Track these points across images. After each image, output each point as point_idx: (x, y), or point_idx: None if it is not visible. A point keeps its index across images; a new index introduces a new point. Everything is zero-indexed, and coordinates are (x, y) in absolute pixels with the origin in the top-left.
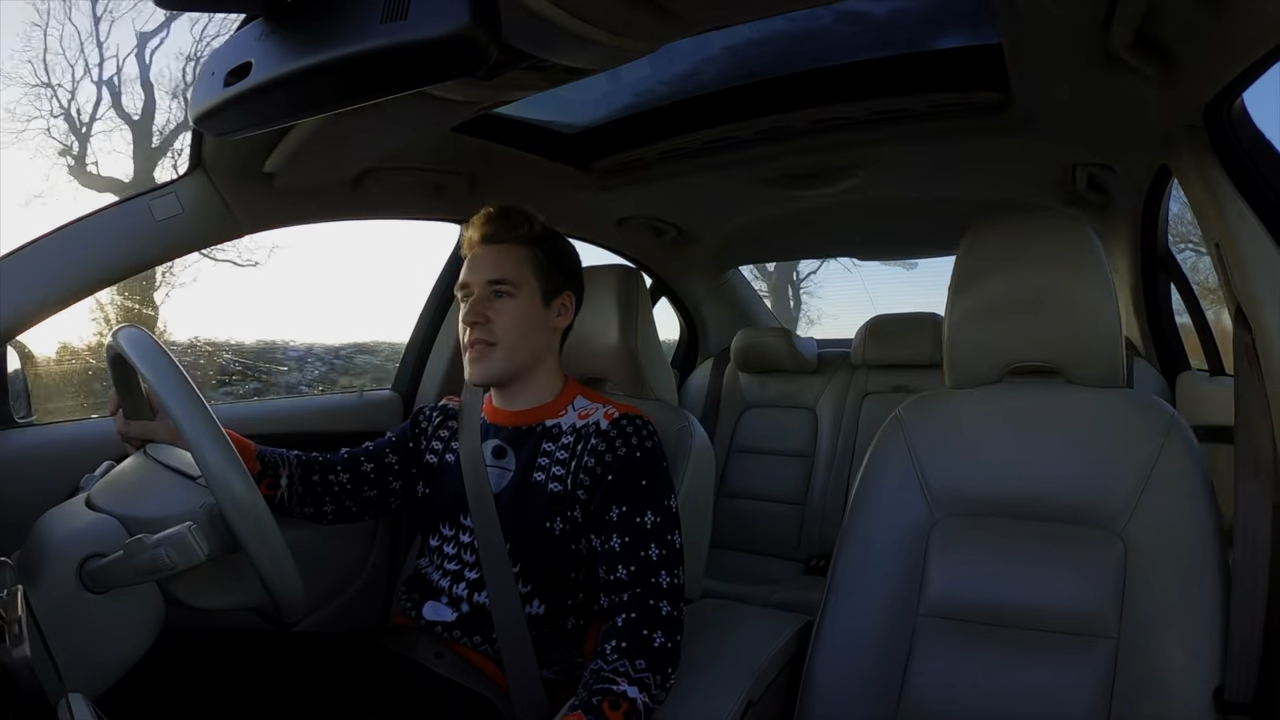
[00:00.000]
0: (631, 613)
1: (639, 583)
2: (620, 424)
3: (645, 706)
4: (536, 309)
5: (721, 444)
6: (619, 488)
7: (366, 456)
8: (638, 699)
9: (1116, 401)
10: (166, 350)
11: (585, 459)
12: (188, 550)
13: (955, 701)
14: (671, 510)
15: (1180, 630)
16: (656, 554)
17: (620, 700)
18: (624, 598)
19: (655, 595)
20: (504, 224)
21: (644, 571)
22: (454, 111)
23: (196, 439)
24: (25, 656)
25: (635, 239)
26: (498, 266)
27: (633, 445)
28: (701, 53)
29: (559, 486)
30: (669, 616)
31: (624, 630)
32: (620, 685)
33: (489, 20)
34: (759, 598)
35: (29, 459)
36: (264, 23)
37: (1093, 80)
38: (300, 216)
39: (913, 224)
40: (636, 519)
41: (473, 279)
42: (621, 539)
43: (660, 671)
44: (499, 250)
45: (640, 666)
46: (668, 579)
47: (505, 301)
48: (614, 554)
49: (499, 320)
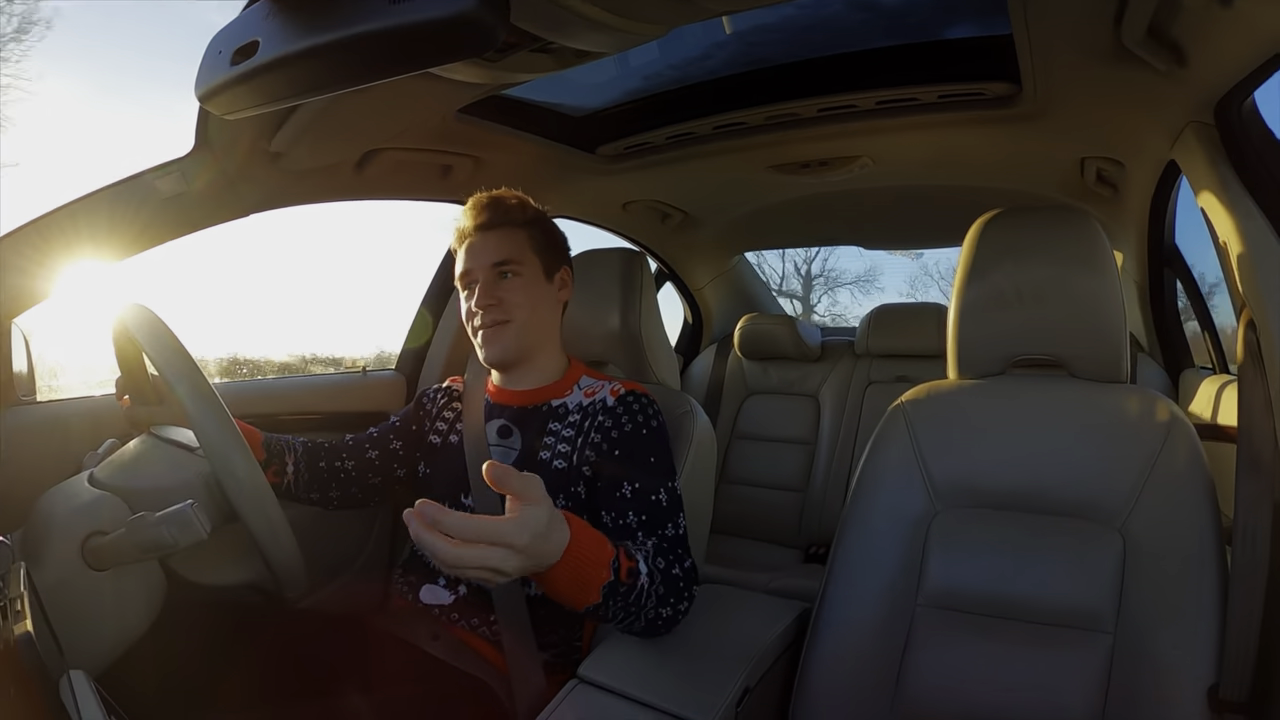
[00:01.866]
0: (667, 555)
1: (660, 547)
2: (626, 400)
3: (642, 589)
4: (542, 283)
5: (724, 430)
6: (628, 462)
7: (371, 443)
8: (642, 574)
9: (1119, 397)
10: (169, 327)
11: (592, 435)
12: (190, 528)
13: (951, 691)
14: (677, 492)
15: (1177, 627)
16: (673, 533)
17: (631, 558)
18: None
19: (677, 558)
20: (498, 209)
21: (671, 545)
22: (461, 93)
23: (196, 409)
24: (27, 633)
25: (641, 223)
26: (499, 249)
27: (639, 422)
28: (711, 38)
29: (563, 464)
30: (688, 570)
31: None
32: (637, 555)
33: (497, 1)
34: (758, 584)
35: (32, 436)
36: (271, 1)
37: (1103, 74)
38: (306, 196)
39: (919, 214)
40: (651, 496)
41: (475, 264)
42: (639, 516)
43: (666, 588)
44: (498, 235)
45: (658, 565)
46: (683, 559)
47: (512, 280)
48: (633, 529)
49: (509, 297)
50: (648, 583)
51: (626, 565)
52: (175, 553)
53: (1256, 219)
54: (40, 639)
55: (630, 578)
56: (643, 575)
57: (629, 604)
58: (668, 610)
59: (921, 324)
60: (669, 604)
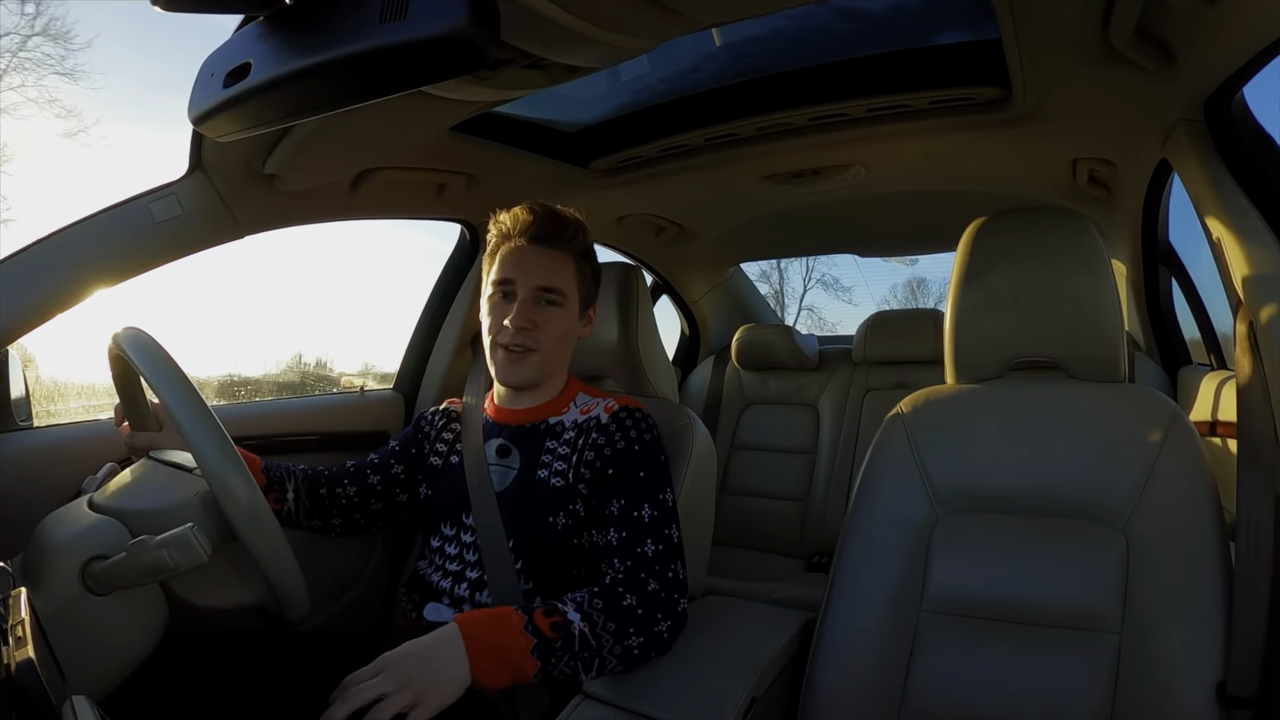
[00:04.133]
0: (619, 576)
1: (629, 572)
2: (620, 417)
3: (582, 634)
4: (574, 320)
5: (723, 441)
6: (618, 480)
7: (372, 469)
8: (575, 622)
9: (1118, 396)
10: (167, 351)
11: (586, 453)
12: (190, 551)
13: (958, 698)
14: (669, 504)
15: (1183, 624)
16: (653, 549)
17: (555, 612)
18: (614, 574)
19: (647, 577)
20: (557, 227)
21: (639, 566)
22: (454, 111)
23: (193, 431)
24: (29, 659)
25: (636, 237)
26: (550, 274)
27: (631, 438)
28: (701, 50)
29: (561, 481)
30: (654, 593)
31: (601, 584)
32: (564, 606)
33: (488, 19)
34: (761, 595)
35: (31, 461)
36: (263, 23)
37: (1093, 75)
38: (301, 217)
39: (913, 220)
40: (634, 513)
41: (520, 279)
42: (619, 534)
43: (617, 622)
44: (550, 256)
45: (596, 606)
46: (661, 575)
47: (552, 310)
48: (611, 548)
49: (544, 328)
50: (586, 627)
51: (548, 621)
52: (176, 576)
53: (1250, 214)
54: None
55: (557, 631)
56: (575, 624)
57: (577, 653)
58: (636, 639)
59: (918, 330)
60: (630, 635)
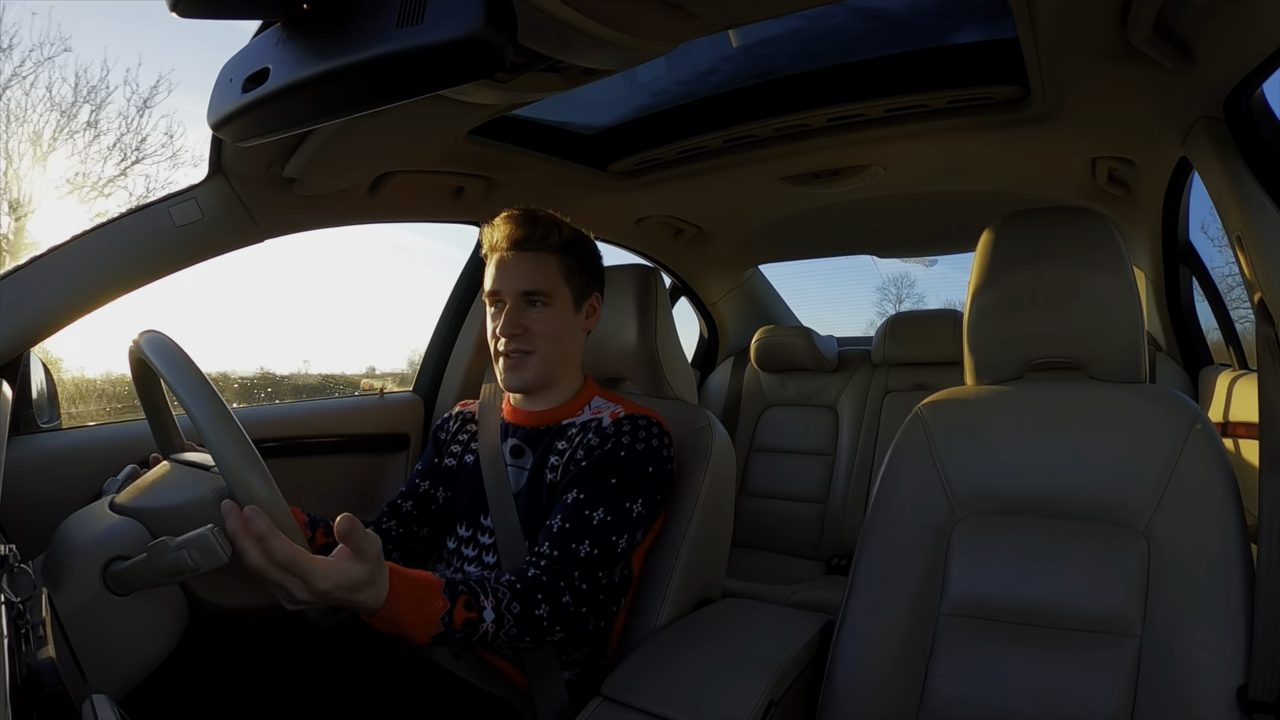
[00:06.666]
0: (542, 575)
1: (555, 567)
2: (620, 423)
3: (484, 633)
4: (569, 315)
5: (742, 443)
6: (586, 477)
7: (404, 498)
8: (487, 622)
9: (1139, 397)
10: (187, 353)
11: (577, 452)
12: (211, 552)
13: (977, 701)
14: (632, 515)
15: (1204, 628)
16: (587, 551)
17: (474, 607)
18: (540, 564)
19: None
20: (535, 230)
21: (569, 564)
22: (471, 114)
23: (213, 434)
24: (50, 659)
25: (654, 238)
26: (531, 277)
27: (623, 444)
28: (717, 52)
29: (554, 476)
30: (565, 605)
31: (526, 577)
32: (485, 602)
33: (505, 23)
34: (780, 597)
35: (53, 463)
36: (281, 29)
37: (1111, 73)
38: (320, 221)
39: (932, 220)
40: (586, 511)
41: (505, 288)
42: (563, 524)
43: (521, 628)
44: (531, 259)
45: (512, 610)
46: (585, 579)
47: (540, 310)
48: (550, 533)
49: (535, 328)
50: (492, 629)
51: (464, 617)
52: (197, 576)
53: (1271, 212)
54: (63, 664)
55: (466, 626)
56: (486, 624)
57: (472, 643)
58: (526, 642)
59: (938, 331)
60: (525, 640)
